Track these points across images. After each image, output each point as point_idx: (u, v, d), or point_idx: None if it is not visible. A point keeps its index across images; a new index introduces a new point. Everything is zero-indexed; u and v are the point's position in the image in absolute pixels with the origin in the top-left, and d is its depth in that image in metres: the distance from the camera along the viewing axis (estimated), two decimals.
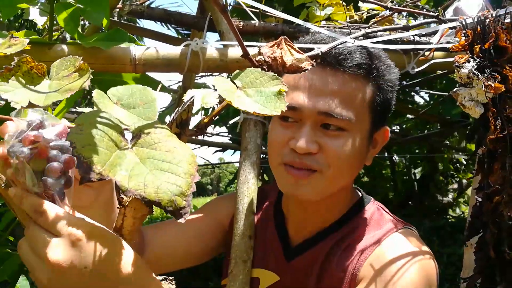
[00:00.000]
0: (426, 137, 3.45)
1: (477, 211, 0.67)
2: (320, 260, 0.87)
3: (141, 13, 1.17)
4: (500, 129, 0.62)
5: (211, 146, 3.23)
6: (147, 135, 0.49)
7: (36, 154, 0.50)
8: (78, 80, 0.50)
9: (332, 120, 0.79)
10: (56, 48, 0.94)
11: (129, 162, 0.46)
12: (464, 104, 0.63)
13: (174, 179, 0.45)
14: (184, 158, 0.47)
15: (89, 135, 0.45)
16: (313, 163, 0.80)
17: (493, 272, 0.66)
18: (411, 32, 1.02)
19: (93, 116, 0.48)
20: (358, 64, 0.80)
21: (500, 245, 0.64)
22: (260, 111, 0.51)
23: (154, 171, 0.46)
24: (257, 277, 0.95)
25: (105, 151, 0.45)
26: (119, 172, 0.44)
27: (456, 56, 0.63)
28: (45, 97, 0.49)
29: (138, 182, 0.44)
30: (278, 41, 0.60)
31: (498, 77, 0.61)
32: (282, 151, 0.83)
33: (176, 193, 0.45)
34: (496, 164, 0.64)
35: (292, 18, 0.91)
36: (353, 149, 0.81)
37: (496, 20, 0.63)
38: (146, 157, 0.47)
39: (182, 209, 0.44)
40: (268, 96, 0.53)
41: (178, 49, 1.02)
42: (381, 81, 0.83)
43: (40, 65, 0.53)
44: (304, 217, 0.92)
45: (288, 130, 0.82)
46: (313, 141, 0.79)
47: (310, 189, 0.82)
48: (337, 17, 1.53)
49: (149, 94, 0.54)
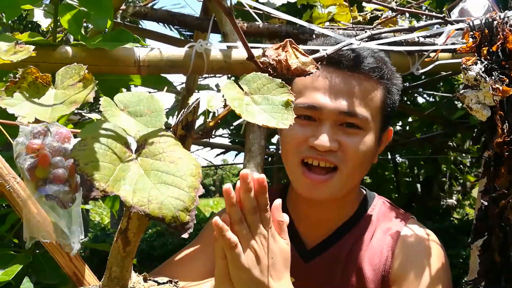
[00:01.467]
0: (429, 138, 3.43)
1: (482, 214, 0.67)
2: (341, 258, 0.91)
3: (144, 15, 1.17)
4: (507, 133, 0.62)
5: (214, 148, 3.22)
6: (152, 144, 0.49)
7: (39, 162, 0.50)
8: (82, 92, 0.50)
9: (352, 119, 0.84)
10: (60, 49, 0.94)
11: (133, 174, 0.46)
12: (471, 106, 0.62)
13: (178, 193, 0.45)
14: (188, 170, 0.47)
15: (92, 150, 0.45)
16: (333, 159, 0.84)
17: (498, 276, 0.65)
18: (416, 33, 1.01)
19: (96, 128, 0.48)
20: (373, 68, 0.85)
21: (505, 249, 0.63)
22: (268, 123, 0.51)
23: (158, 184, 0.46)
24: None
25: (109, 165, 0.45)
26: (123, 187, 0.44)
27: (464, 58, 0.63)
28: (51, 110, 0.48)
29: (142, 197, 0.44)
30: (283, 44, 0.60)
31: (506, 80, 0.61)
32: (300, 148, 0.86)
33: (180, 208, 0.45)
34: (503, 168, 0.63)
35: (295, 19, 0.91)
36: (367, 147, 0.86)
37: (504, 22, 0.63)
38: (151, 168, 0.47)
39: (186, 224, 0.44)
40: (276, 105, 0.53)
41: (182, 51, 1.01)
42: (389, 84, 0.89)
43: (45, 75, 0.53)
44: (318, 218, 0.95)
45: (307, 128, 0.86)
46: (334, 139, 0.83)
47: (328, 190, 0.86)
48: (341, 18, 1.52)
49: (156, 103, 0.54)
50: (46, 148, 0.54)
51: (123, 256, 0.61)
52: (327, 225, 0.94)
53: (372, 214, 0.95)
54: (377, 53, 0.88)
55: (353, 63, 0.84)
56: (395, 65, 1.15)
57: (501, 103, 0.61)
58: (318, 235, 0.95)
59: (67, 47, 0.94)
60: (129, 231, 0.59)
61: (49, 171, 0.54)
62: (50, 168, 0.54)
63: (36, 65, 0.89)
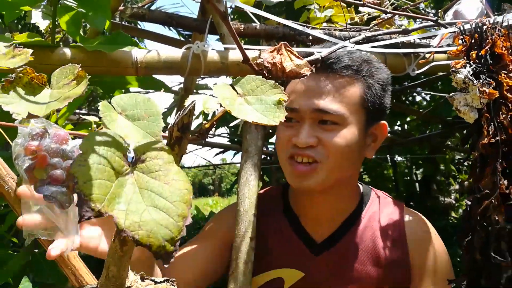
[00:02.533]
0: (427, 138, 3.44)
1: (466, 214, 0.68)
2: (351, 250, 0.97)
3: (142, 16, 1.18)
4: (492, 135, 0.63)
5: (213, 147, 3.23)
6: (148, 160, 0.49)
7: (37, 163, 0.51)
8: (76, 88, 0.51)
9: (326, 115, 0.90)
10: (58, 51, 0.95)
11: (128, 191, 0.47)
12: (459, 109, 0.64)
13: (167, 222, 0.46)
14: (180, 196, 0.48)
15: (91, 167, 0.46)
16: (314, 154, 0.90)
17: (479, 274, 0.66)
18: (411, 36, 1.02)
19: (96, 139, 0.48)
20: (345, 66, 0.91)
21: (486, 249, 0.65)
22: (259, 121, 0.52)
23: (150, 208, 0.47)
24: (280, 277, 1.00)
25: (106, 183, 0.46)
26: (117, 207, 0.45)
27: (453, 61, 0.64)
28: (45, 107, 0.49)
29: (133, 222, 0.45)
30: (278, 47, 0.61)
31: (493, 83, 0.62)
32: (287, 147, 0.93)
33: (167, 238, 0.46)
34: (487, 169, 0.64)
35: (290, 23, 0.92)
36: (348, 141, 0.90)
37: (493, 26, 0.64)
38: (145, 187, 0.48)
39: (170, 254, 0.46)
40: (268, 105, 0.54)
41: (179, 52, 1.02)
42: (370, 80, 0.93)
43: (40, 75, 0.54)
44: (317, 212, 1.00)
45: (291, 129, 0.93)
46: (312, 136, 0.90)
47: (312, 180, 0.91)
48: (338, 19, 1.53)
49: (153, 107, 0.54)
50: (44, 150, 0.54)
51: (120, 256, 0.62)
52: (330, 220, 1.00)
53: (374, 204, 1.03)
54: (355, 53, 0.94)
55: (326, 64, 0.90)
56: (391, 66, 1.16)
57: (487, 106, 0.62)
58: (324, 229, 1.00)
59: (65, 49, 0.95)
60: None
61: (47, 172, 0.54)
62: (48, 169, 0.54)
63: (34, 66, 0.90)
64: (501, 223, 0.63)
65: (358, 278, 0.96)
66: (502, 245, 0.63)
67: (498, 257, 0.63)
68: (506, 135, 0.63)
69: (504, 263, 0.63)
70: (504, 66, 0.62)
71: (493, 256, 0.63)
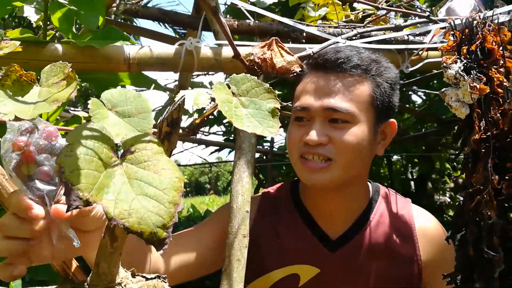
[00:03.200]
0: (422, 136, 3.45)
1: (459, 210, 0.68)
2: (365, 247, 0.99)
3: (135, 13, 1.17)
4: (484, 130, 0.63)
5: (208, 145, 3.23)
6: (137, 151, 0.49)
7: (23, 159, 0.51)
8: (65, 90, 0.51)
9: (337, 114, 0.91)
10: (50, 47, 0.94)
11: (117, 181, 0.46)
12: (451, 104, 0.64)
13: (158, 208, 0.46)
14: (170, 183, 0.47)
15: (78, 157, 0.45)
16: (325, 152, 0.91)
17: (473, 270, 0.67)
18: (404, 32, 1.02)
19: (84, 132, 0.48)
20: (355, 65, 0.92)
21: (479, 244, 0.65)
22: (255, 131, 0.52)
23: (140, 196, 0.46)
24: (295, 273, 1.01)
25: (94, 173, 0.45)
26: (106, 196, 0.45)
27: (444, 57, 0.64)
28: (33, 108, 0.49)
29: (123, 210, 0.45)
30: (269, 42, 0.61)
31: (484, 78, 0.62)
32: (298, 146, 0.95)
33: (158, 225, 0.45)
34: (479, 165, 0.64)
35: (283, 19, 0.91)
36: (358, 139, 0.92)
37: (484, 22, 0.64)
38: (134, 177, 0.47)
39: (163, 241, 0.45)
40: (263, 111, 0.54)
41: (172, 48, 1.02)
42: (378, 79, 0.94)
43: (29, 73, 0.54)
44: (330, 210, 1.02)
45: (303, 128, 0.95)
46: (323, 134, 0.91)
47: (325, 177, 0.93)
48: (333, 17, 1.53)
49: (144, 103, 0.54)
50: (32, 146, 0.54)
51: (111, 252, 0.62)
52: (343, 217, 1.02)
53: (384, 200, 1.06)
54: (363, 52, 0.95)
55: (336, 63, 0.92)
56: None
57: (478, 101, 0.63)
58: (339, 226, 1.02)
59: (57, 45, 0.95)
60: (116, 227, 0.60)
61: (35, 168, 0.54)
62: (36, 165, 0.54)
63: (25, 62, 0.90)
64: (493, 218, 0.64)
65: (372, 274, 0.98)
66: (494, 240, 0.64)
67: (491, 252, 0.64)
68: (497, 130, 0.64)
69: (496, 257, 0.63)
70: (494, 61, 0.62)
71: (485, 251, 0.64)
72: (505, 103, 0.63)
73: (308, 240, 1.02)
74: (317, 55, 0.93)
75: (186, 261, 1.01)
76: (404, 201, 1.08)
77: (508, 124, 0.63)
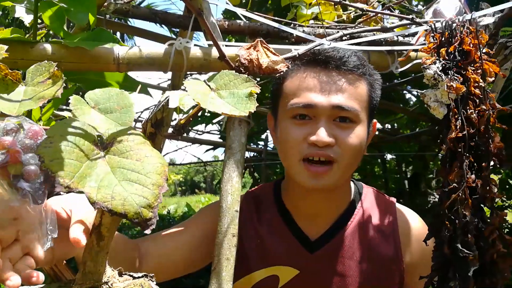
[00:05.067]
0: (416, 135, 3.47)
1: (436, 210, 0.69)
2: (345, 247, 0.98)
3: (126, 13, 1.17)
4: (460, 129, 0.64)
5: (202, 144, 3.23)
6: (120, 142, 0.50)
7: (10, 158, 0.51)
8: (51, 88, 0.51)
9: (345, 112, 0.89)
10: (39, 46, 0.94)
11: (99, 172, 0.47)
12: (429, 104, 0.65)
13: (142, 191, 0.47)
14: (153, 168, 0.48)
15: (58, 148, 0.46)
16: (332, 153, 0.89)
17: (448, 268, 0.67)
18: (394, 32, 1.03)
19: (64, 126, 0.49)
20: (357, 65, 0.92)
21: (454, 242, 0.66)
22: (231, 112, 0.52)
23: (123, 182, 0.47)
24: (274, 274, 1.00)
25: (75, 162, 0.46)
26: (88, 184, 0.46)
27: (423, 58, 0.65)
28: (18, 105, 0.50)
29: (105, 194, 0.46)
30: (254, 43, 0.61)
31: (461, 78, 0.63)
32: (300, 147, 0.90)
33: (143, 205, 0.46)
34: (455, 163, 0.66)
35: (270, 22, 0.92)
36: (361, 139, 0.92)
37: (462, 24, 0.65)
38: (117, 166, 0.48)
39: (148, 221, 0.46)
40: (240, 97, 0.54)
41: (161, 48, 1.02)
42: (371, 79, 0.95)
43: (14, 72, 0.55)
44: (316, 210, 1.01)
45: (305, 127, 0.91)
46: (330, 134, 0.89)
47: (328, 179, 0.91)
48: (325, 16, 1.54)
49: (126, 99, 0.55)
50: (18, 145, 0.54)
51: (97, 251, 0.62)
52: (326, 217, 1.01)
53: (366, 200, 1.04)
54: (358, 52, 0.95)
55: (340, 62, 0.90)
56: (375, 63, 1.17)
57: (455, 101, 0.64)
58: (319, 226, 1.01)
59: (45, 45, 0.95)
60: (102, 226, 0.60)
61: (21, 167, 0.54)
62: (22, 164, 0.54)
63: (14, 62, 0.90)
64: (468, 216, 0.65)
65: (352, 274, 0.97)
66: (469, 239, 0.65)
67: (465, 250, 0.65)
68: (473, 130, 0.65)
69: (471, 256, 0.65)
70: (471, 62, 0.64)
71: (460, 249, 0.65)
72: (482, 104, 0.65)
73: (288, 241, 1.01)
74: (317, 52, 0.91)
75: (167, 261, 1.00)
76: (389, 201, 1.06)
77: (484, 124, 0.65)
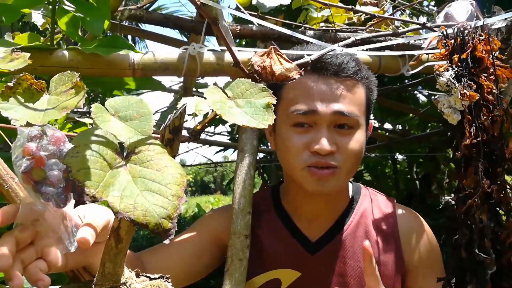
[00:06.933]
0: (427, 136, 3.45)
1: (452, 213, 0.70)
2: (345, 248, 0.98)
3: (140, 18, 1.20)
4: (474, 136, 0.65)
5: (213, 145, 3.25)
6: (140, 152, 0.51)
7: (34, 164, 0.53)
8: (74, 98, 0.53)
9: (345, 119, 0.90)
10: (57, 53, 0.97)
11: (122, 180, 0.49)
12: (443, 111, 0.66)
13: (162, 201, 0.48)
14: (173, 179, 0.50)
15: (84, 157, 0.48)
16: (334, 161, 0.90)
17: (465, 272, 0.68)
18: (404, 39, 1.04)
19: (88, 135, 0.51)
20: (355, 70, 0.92)
21: (470, 246, 0.67)
22: (249, 124, 0.54)
23: (144, 192, 0.49)
24: (276, 278, 1.00)
25: (99, 172, 0.48)
26: (112, 193, 0.47)
27: (436, 65, 0.66)
28: (43, 115, 0.52)
29: (128, 204, 0.47)
30: (268, 51, 0.63)
31: (474, 86, 0.64)
32: (303, 155, 0.91)
33: (163, 216, 0.48)
34: (470, 169, 0.66)
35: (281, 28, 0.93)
36: (361, 144, 0.93)
37: (474, 31, 0.66)
38: (138, 175, 0.50)
39: (167, 231, 0.48)
40: (258, 108, 0.56)
41: (176, 54, 1.04)
42: (368, 82, 0.96)
43: (39, 82, 0.57)
44: (316, 212, 1.01)
45: (306, 135, 0.91)
46: (332, 142, 0.90)
47: (332, 183, 0.91)
48: (336, 19, 1.55)
49: (145, 107, 0.56)
50: (42, 151, 0.57)
51: (116, 253, 0.64)
52: (326, 218, 1.01)
53: (365, 200, 1.05)
54: (354, 56, 0.96)
55: (339, 68, 0.91)
56: (386, 66, 1.18)
57: (469, 108, 0.65)
58: (319, 228, 1.01)
59: (64, 51, 0.97)
60: (121, 229, 0.62)
61: (45, 173, 0.57)
62: (46, 170, 0.57)
63: (33, 68, 0.93)
64: (484, 221, 0.65)
65: (353, 274, 0.97)
66: (485, 243, 0.65)
67: (482, 254, 0.65)
68: (487, 136, 0.65)
69: (488, 260, 0.65)
70: (484, 69, 0.64)
71: (477, 253, 0.66)
72: (495, 110, 0.65)
73: (289, 244, 1.01)
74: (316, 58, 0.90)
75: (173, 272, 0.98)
76: (388, 201, 1.07)
77: (498, 130, 0.65)
